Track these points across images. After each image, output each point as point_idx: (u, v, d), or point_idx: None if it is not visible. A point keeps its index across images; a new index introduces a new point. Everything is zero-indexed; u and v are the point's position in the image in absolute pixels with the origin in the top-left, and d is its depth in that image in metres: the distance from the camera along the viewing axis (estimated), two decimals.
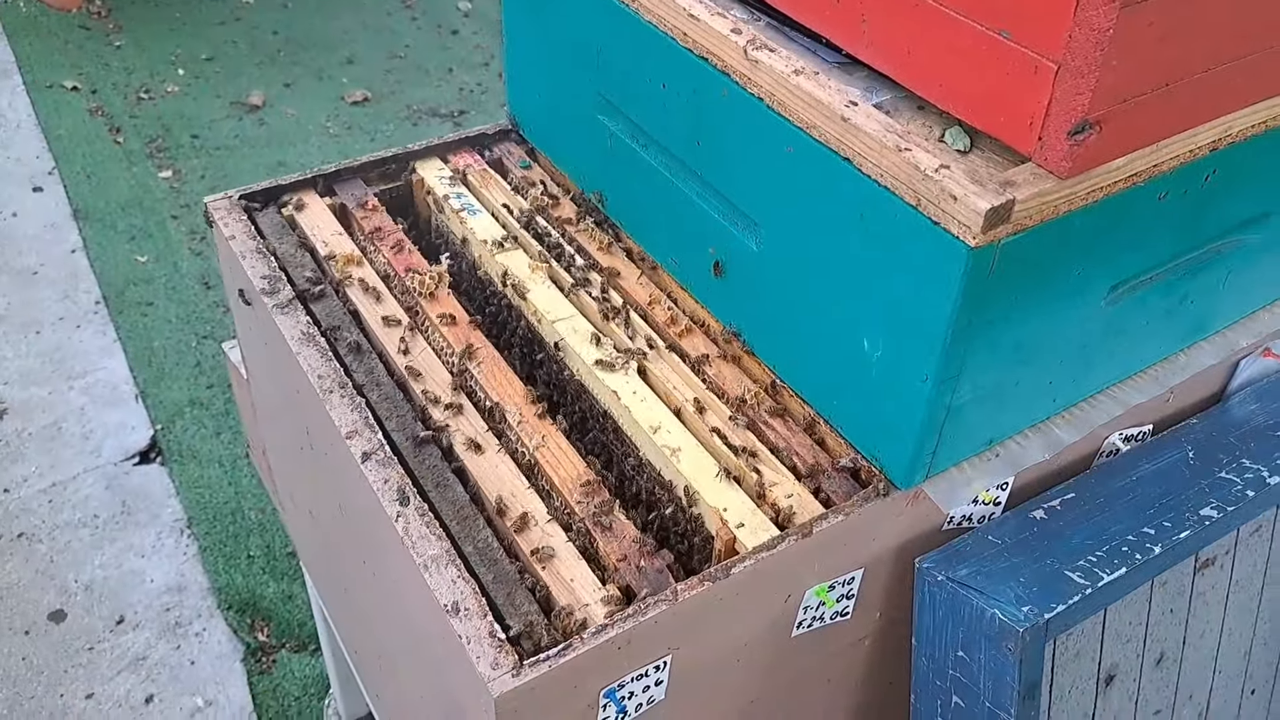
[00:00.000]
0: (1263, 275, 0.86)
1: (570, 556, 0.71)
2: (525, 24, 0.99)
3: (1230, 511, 0.80)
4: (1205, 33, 0.60)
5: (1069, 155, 0.60)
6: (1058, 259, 0.67)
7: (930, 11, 0.64)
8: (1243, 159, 0.72)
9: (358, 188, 1.01)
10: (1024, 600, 0.72)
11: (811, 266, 0.74)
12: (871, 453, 0.76)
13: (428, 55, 3.38)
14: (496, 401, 0.81)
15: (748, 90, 0.74)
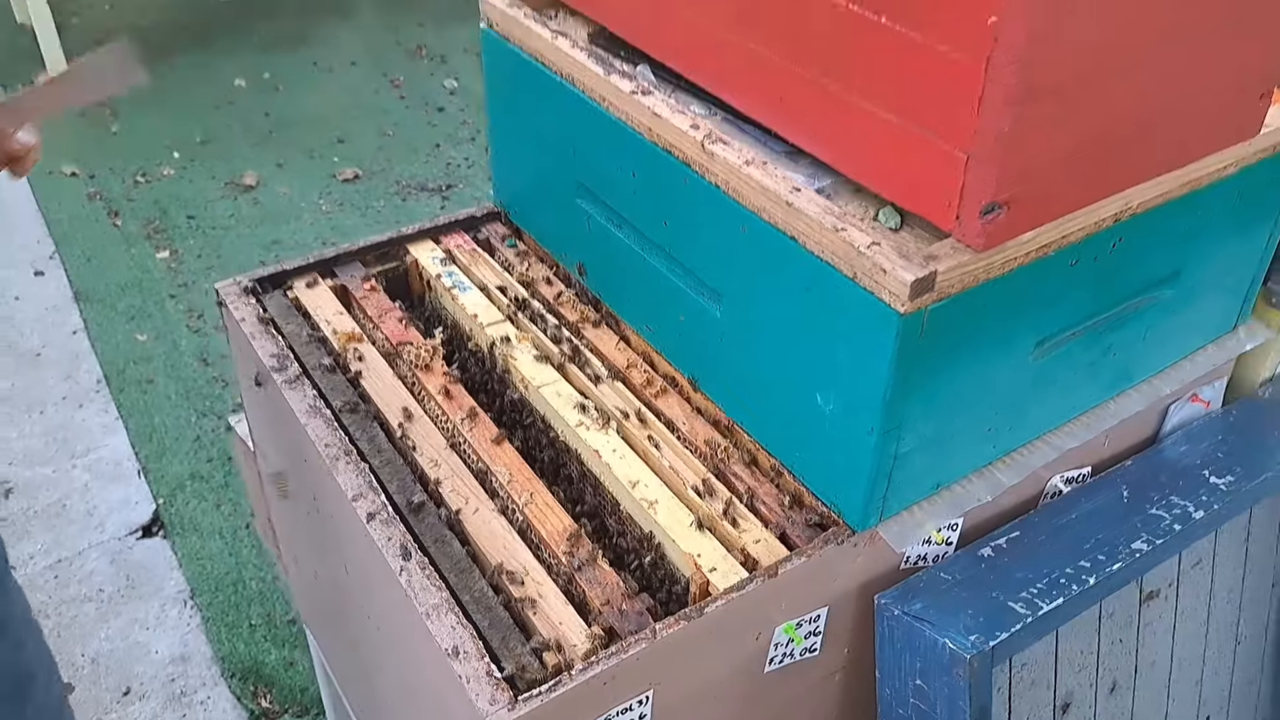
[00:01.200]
0: (1179, 328, 0.95)
1: (558, 602, 0.78)
2: (508, 121, 1.09)
3: (1158, 544, 0.88)
4: (1094, 123, 0.70)
5: (983, 232, 0.69)
6: (982, 321, 0.75)
7: (861, 110, 0.73)
8: (1146, 227, 0.81)
9: (356, 269, 1.09)
10: (971, 630, 0.80)
11: (768, 331, 0.83)
12: (830, 499, 0.84)
13: (415, 132, 3.50)
14: (488, 463, 0.88)
15: (706, 179, 0.83)
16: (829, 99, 0.75)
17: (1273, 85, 0.80)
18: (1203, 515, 0.91)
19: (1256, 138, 0.83)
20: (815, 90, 0.76)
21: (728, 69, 0.84)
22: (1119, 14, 0.65)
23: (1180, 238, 0.86)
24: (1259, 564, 1.16)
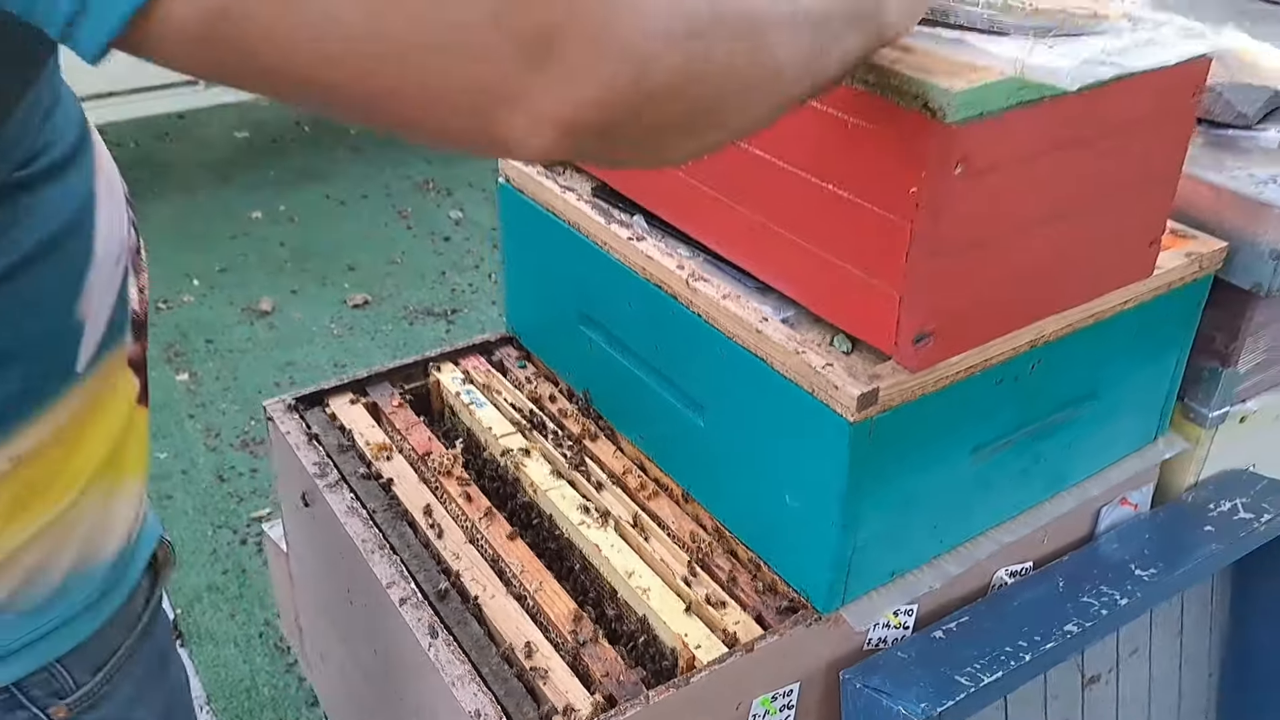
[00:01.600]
0: (1103, 438, 1.10)
1: (564, 674, 0.90)
2: (520, 260, 1.25)
3: (1088, 626, 1.01)
4: (1005, 268, 0.86)
5: (916, 356, 0.84)
6: (922, 430, 0.90)
7: (817, 256, 0.89)
8: (1060, 352, 0.97)
9: (386, 389, 1.24)
10: (922, 699, 0.92)
11: (743, 439, 0.97)
12: (799, 586, 0.97)
13: (422, 260, 3.70)
14: (502, 556, 1.02)
15: (690, 310, 0.98)
16: (791, 246, 0.91)
17: (1160, 234, 0.97)
18: (1127, 602, 1.04)
19: (1150, 278, 0.99)
20: (780, 239, 0.92)
21: (708, 219, 1.00)
22: (1019, 188, 0.82)
23: (1093, 362, 1.01)
24: (1193, 657, 1.28)
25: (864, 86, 0.79)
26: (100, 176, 0.72)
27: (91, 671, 0.76)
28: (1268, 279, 1.07)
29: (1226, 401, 1.19)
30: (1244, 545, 1.16)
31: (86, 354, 0.71)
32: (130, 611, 0.79)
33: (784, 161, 0.89)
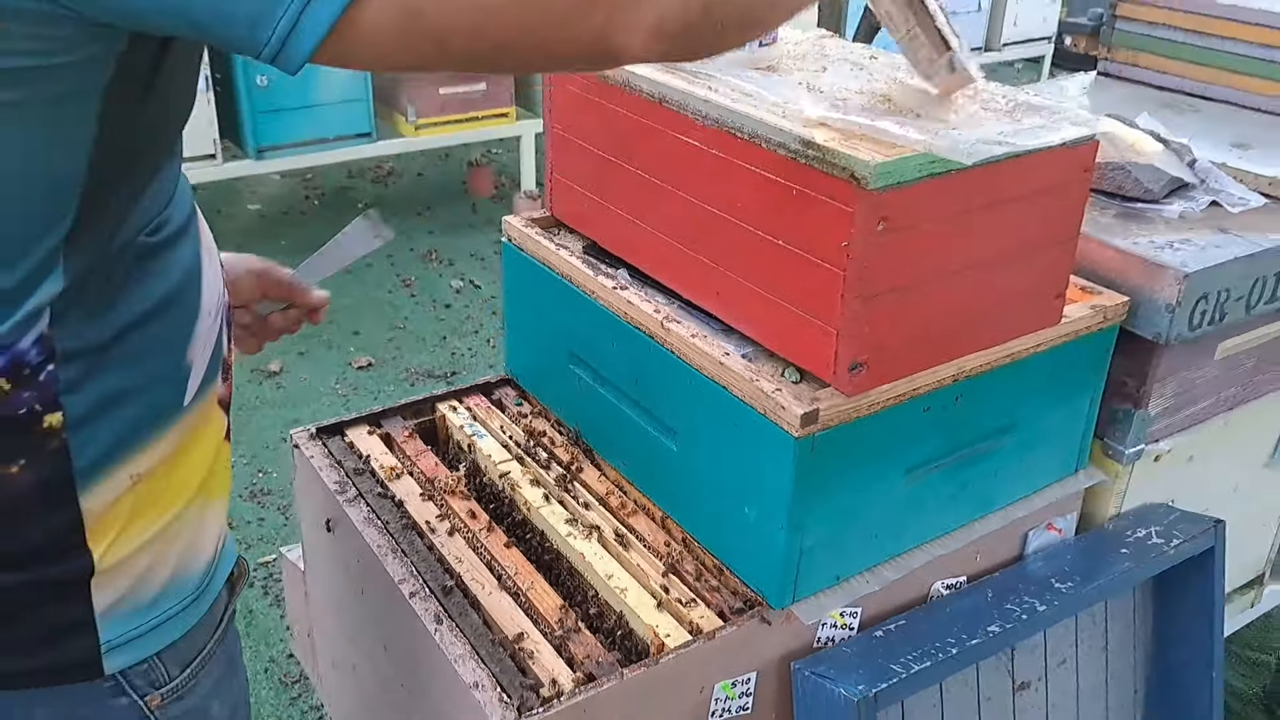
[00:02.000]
0: (1026, 468, 1.25)
1: (551, 656, 1.05)
2: (519, 309, 1.42)
3: (1008, 628, 1.16)
4: (926, 311, 1.02)
5: (850, 383, 1.01)
6: (859, 449, 1.06)
7: (770, 301, 1.06)
8: (981, 387, 1.13)
9: (398, 422, 1.40)
10: (860, 683, 1.06)
11: (710, 458, 1.13)
12: (756, 586, 1.12)
13: (424, 326, 3.88)
14: (499, 560, 1.17)
15: (664, 347, 1.15)
16: (749, 293, 1.08)
17: (1064, 288, 1.14)
18: (1045, 609, 1.19)
19: (1058, 325, 1.16)
20: (739, 287, 1.09)
21: (680, 271, 1.17)
22: (934, 243, 0.99)
23: (1012, 397, 1.18)
24: (1119, 673, 1.42)
25: (805, 160, 0.97)
26: (204, 245, 0.88)
27: (181, 667, 0.89)
28: (1165, 329, 1.25)
29: (1141, 440, 1.35)
30: (1154, 566, 1.31)
31: (191, 391, 0.85)
32: (212, 618, 0.92)
33: (742, 221, 1.06)
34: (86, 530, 0.80)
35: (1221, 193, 1.41)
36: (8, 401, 0.74)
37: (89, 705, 0.85)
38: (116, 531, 0.81)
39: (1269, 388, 1.49)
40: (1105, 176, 1.40)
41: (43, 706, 0.84)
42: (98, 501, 0.80)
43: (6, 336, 0.73)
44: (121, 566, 0.82)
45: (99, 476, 0.80)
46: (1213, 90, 1.74)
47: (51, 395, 0.75)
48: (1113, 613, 1.38)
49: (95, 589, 0.82)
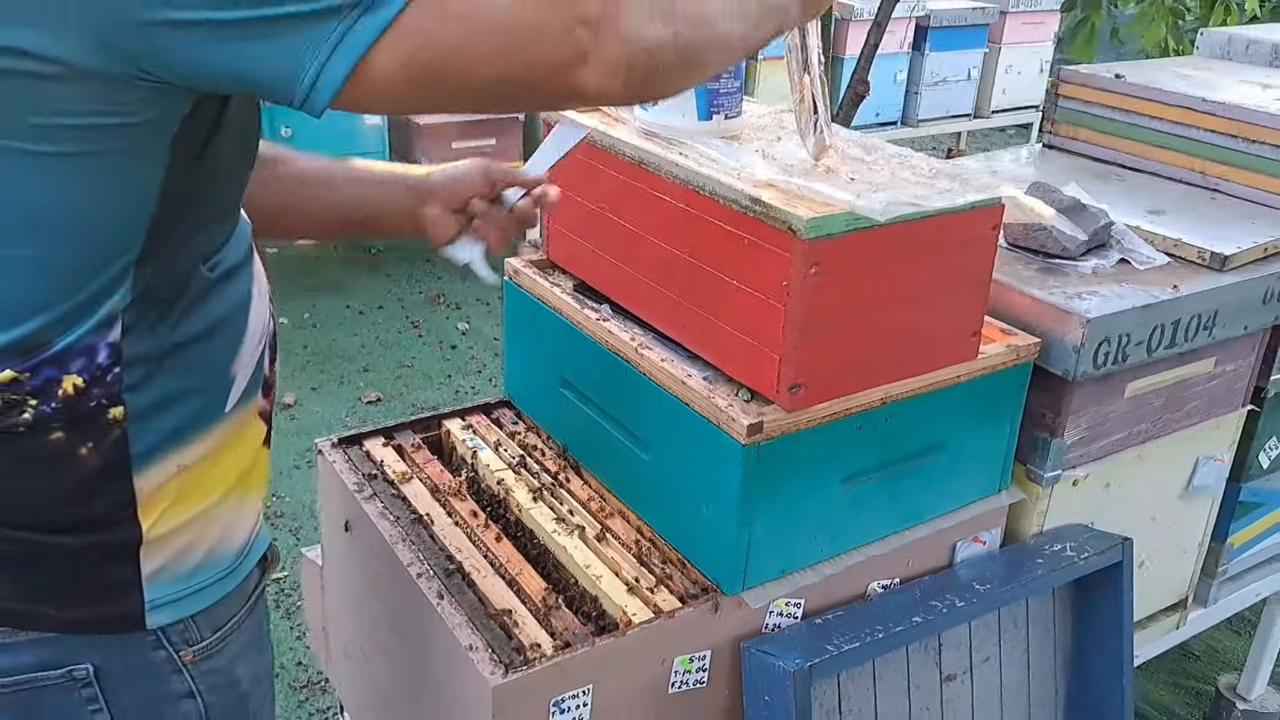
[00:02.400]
0: (952, 484, 1.45)
1: (534, 627, 1.23)
2: (517, 340, 1.63)
3: (929, 619, 1.34)
4: (855, 342, 1.23)
5: (790, 400, 1.20)
6: (798, 458, 1.25)
7: (726, 331, 1.26)
8: (908, 410, 1.33)
9: (408, 435, 1.60)
10: (796, 658, 1.25)
11: (674, 465, 1.32)
12: (711, 574, 1.31)
13: (431, 365, 4.08)
14: (493, 551, 1.36)
15: (638, 370, 1.35)
16: (709, 324, 1.29)
17: (979, 327, 1.34)
18: (964, 605, 1.37)
19: (976, 360, 1.36)
20: (701, 319, 1.30)
21: (653, 306, 1.38)
22: (859, 285, 1.20)
23: (936, 421, 1.37)
24: (1040, 674, 1.60)
25: (754, 214, 1.18)
26: (256, 281, 1.06)
27: (213, 630, 1.06)
28: (1073, 367, 1.45)
29: (1059, 466, 1.54)
30: (1066, 574, 1.50)
31: (233, 400, 1.03)
32: (243, 592, 1.09)
33: (704, 264, 1.27)
34: (138, 506, 0.97)
35: (1132, 251, 1.61)
36: (83, 397, 0.92)
37: (133, 654, 1.02)
38: (163, 509, 0.99)
39: (1177, 426, 1.68)
40: (1030, 236, 1.61)
41: (96, 651, 1.00)
42: (148, 483, 0.97)
43: (86, 339, 0.91)
44: (166, 539, 1.00)
45: (151, 463, 0.97)
46: (1139, 163, 1.95)
47: (116, 393, 0.93)
48: (1033, 617, 1.57)
49: (143, 556, 0.99)
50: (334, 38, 0.81)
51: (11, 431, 0.92)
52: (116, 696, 1.02)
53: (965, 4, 6.39)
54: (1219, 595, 2.00)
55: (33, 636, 0.99)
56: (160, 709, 1.05)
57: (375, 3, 0.81)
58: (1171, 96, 1.90)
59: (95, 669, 1.01)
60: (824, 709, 1.36)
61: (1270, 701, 2.37)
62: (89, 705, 1.02)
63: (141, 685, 1.03)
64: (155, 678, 1.04)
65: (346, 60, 0.82)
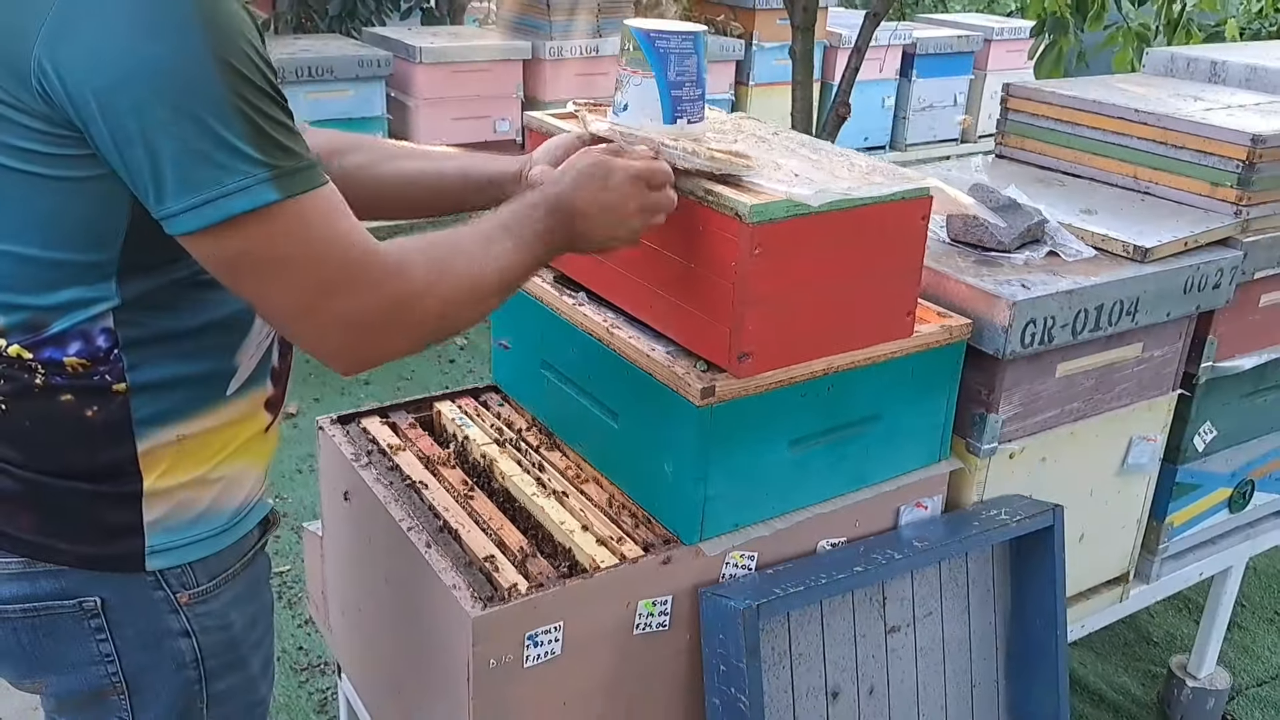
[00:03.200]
0: (894, 452, 1.59)
1: (512, 573, 1.38)
2: (504, 326, 1.78)
3: (870, 569, 1.49)
4: (797, 317, 1.38)
5: (740, 368, 1.36)
6: (748, 420, 1.41)
7: (686, 310, 1.42)
8: (848, 380, 1.48)
9: (402, 415, 1.76)
10: (747, 599, 1.39)
11: (641, 430, 1.48)
12: (673, 527, 1.46)
13: (429, 378, 4.24)
14: (476, 509, 1.51)
15: (610, 348, 1.50)
16: (671, 305, 1.44)
17: (913, 307, 1.50)
18: (901, 558, 1.52)
19: (911, 338, 1.52)
20: (665, 301, 1.45)
21: (623, 291, 1.54)
22: (799, 265, 1.35)
23: (875, 392, 1.52)
24: (981, 631, 1.75)
25: (708, 204, 1.34)
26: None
27: (209, 578, 1.21)
28: (1002, 346, 1.60)
29: (994, 440, 1.69)
30: (1000, 535, 1.64)
31: (234, 386, 1.17)
32: (240, 548, 1.24)
33: (666, 250, 1.43)
34: (140, 462, 1.12)
35: (1062, 246, 1.77)
36: (88, 374, 1.08)
37: (135, 592, 1.17)
38: (163, 469, 1.14)
39: (1108, 406, 1.83)
40: (968, 231, 1.77)
41: (104, 586, 1.16)
42: (149, 445, 1.12)
43: (81, 326, 1.06)
44: (166, 493, 1.15)
45: (152, 428, 1.12)
46: (1078, 169, 2.11)
47: (119, 371, 1.08)
48: (973, 579, 1.71)
49: (145, 506, 1.14)
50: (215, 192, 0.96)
51: (29, 392, 1.08)
52: (120, 628, 1.17)
53: (951, 32, 6.60)
54: (1161, 572, 2.14)
55: (50, 568, 1.14)
56: (160, 643, 1.19)
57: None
58: (1108, 108, 2.06)
59: (102, 602, 1.16)
60: (775, 651, 1.50)
61: (1218, 680, 2.50)
62: (97, 635, 1.17)
63: (143, 620, 1.18)
64: (155, 614, 1.18)
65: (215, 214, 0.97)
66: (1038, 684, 1.75)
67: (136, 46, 0.92)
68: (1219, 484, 2.18)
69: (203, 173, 0.95)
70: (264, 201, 0.96)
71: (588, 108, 1.64)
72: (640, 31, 1.46)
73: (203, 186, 0.95)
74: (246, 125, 0.95)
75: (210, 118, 0.93)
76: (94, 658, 1.17)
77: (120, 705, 1.20)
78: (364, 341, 1.08)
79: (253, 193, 0.96)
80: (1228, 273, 1.84)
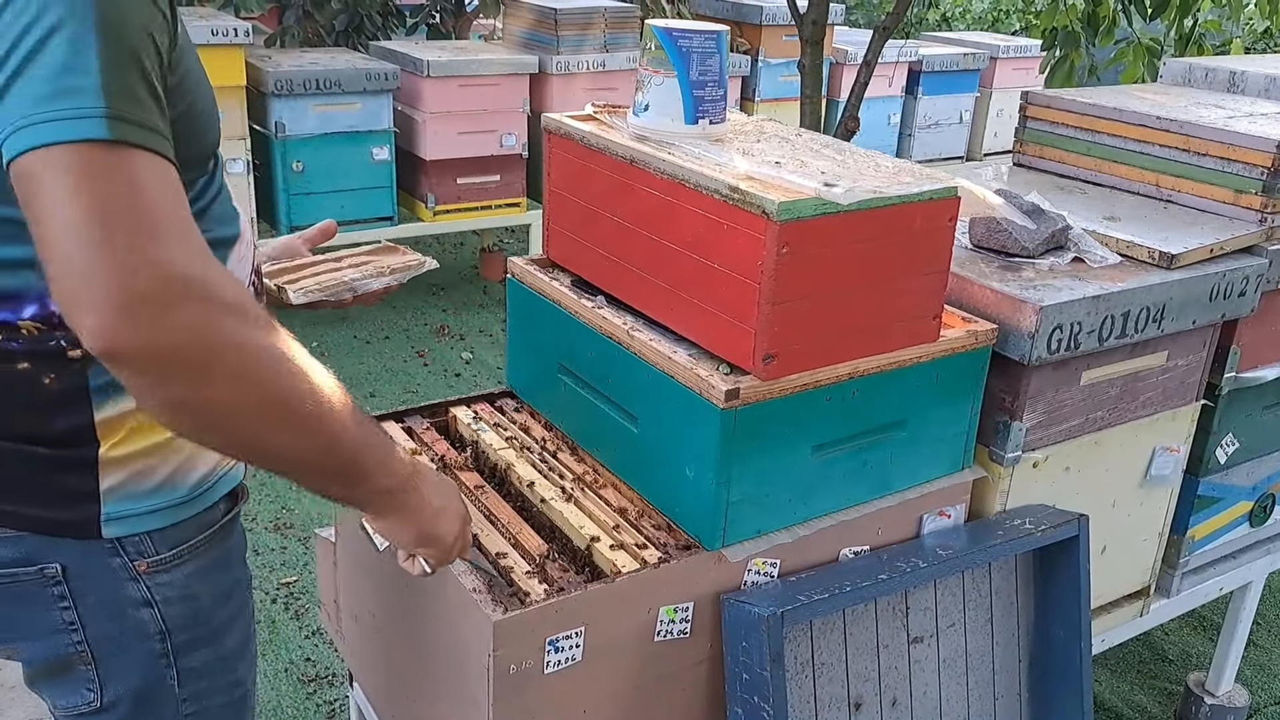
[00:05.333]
0: (919, 460, 1.57)
1: (534, 578, 1.36)
2: (520, 333, 1.76)
3: (894, 577, 1.46)
4: (824, 319, 1.36)
5: (764, 370, 1.34)
6: (772, 424, 1.38)
7: (709, 312, 1.39)
8: (873, 385, 1.46)
9: (418, 419, 1.73)
10: (771, 606, 1.37)
11: (662, 434, 1.45)
12: (694, 532, 1.43)
13: (435, 392, 4.21)
14: (495, 514, 1.48)
15: (629, 351, 1.48)
16: (693, 307, 1.42)
17: (939, 311, 1.48)
18: (926, 566, 1.49)
19: (937, 343, 1.49)
20: (687, 303, 1.43)
21: (644, 294, 1.51)
22: (827, 265, 1.33)
23: (901, 397, 1.50)
24: (1004, 643, 1.72)
25: (733, 202, 1.32)
26: (234, 253, 1.17)
27: (169, 548, 1.18)
28: (1028, 352, 1.58)
29: (1018, 448, 1.67)
30: (1025, 544, 1.61)
31: None
32: (207, 519, 1.21)
33: (688, 251, 1.41)
34: (96, 429, 1.11)
35: (1087, 252, 1.75)
36: (43, 338, 1.06)
37: (93, 558, 1.15)
38: (119, 437, 1.12)
39: (1132, 416, 1.81)
40: (992, 236, 1.75)
41: (64, 553, 1.14)
42: (105, 413, 1.11)
43: (35, 288, 1.03)
44: (122, 462, 1.12)
45: (108, 397, 1.10)
46: (1099, 177, 2.10)
47: (75, 338, 0.98)
48: (996, 589, 1.68)
49: (101, 473, 1.12)
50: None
51: None
52: (83, 596, 1.16)
53: (957, 49, 6.60)
54: (1181, 587, 2.11)
55: (9, 534, 1.13)
56: (123, 612, 1.18)
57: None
58: (1129, 115, 2.05)
59: (63, 568, 1.14)
60: (798, 661, 1.47)
61: (1237, 697, 2.46)
62: (60, 602, 1.16)
63: (103, 588, 1.16)
64: (114, 582, 1.17)
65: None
66: (1062, 697, 1.72)
67: None
68: (1240, 497, 2.15)
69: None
70: (92, 136, 0.88)
71: (607, 110, 1.63)
72: (663, 30, 1.45)
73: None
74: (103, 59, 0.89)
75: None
76: (58, 625, 1.16)
77: (88, 675, 1.19)
78: (151, 314, 0.88)
79: (83, 125, 0.88)
80: (1253, 280, 1.81)
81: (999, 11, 10.47)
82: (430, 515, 1.19)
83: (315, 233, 1.64)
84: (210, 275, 0.91)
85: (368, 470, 1.10)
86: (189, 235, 0.91)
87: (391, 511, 1.17)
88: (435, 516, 1.19)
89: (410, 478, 1.17)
